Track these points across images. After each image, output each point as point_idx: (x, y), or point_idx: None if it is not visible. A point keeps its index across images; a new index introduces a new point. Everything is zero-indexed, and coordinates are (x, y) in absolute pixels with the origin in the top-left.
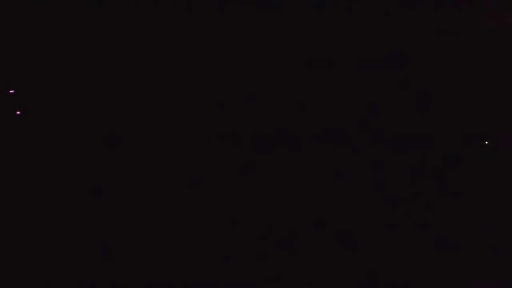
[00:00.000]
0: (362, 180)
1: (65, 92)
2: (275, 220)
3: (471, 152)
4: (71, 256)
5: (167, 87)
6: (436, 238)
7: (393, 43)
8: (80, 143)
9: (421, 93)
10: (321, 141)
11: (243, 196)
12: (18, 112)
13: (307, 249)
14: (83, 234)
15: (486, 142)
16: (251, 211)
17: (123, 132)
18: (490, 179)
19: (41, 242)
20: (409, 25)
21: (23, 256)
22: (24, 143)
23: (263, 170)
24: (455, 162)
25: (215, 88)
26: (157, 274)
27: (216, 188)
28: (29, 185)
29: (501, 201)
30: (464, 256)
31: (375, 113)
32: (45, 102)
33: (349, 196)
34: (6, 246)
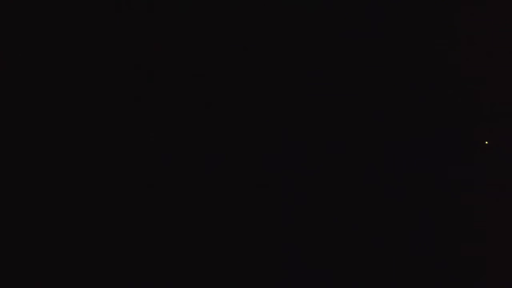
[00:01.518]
0: (362, 179)
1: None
2: (276, 220)
3: (471, 152)
4: (71, 256)
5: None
6: (435, 238)
7: (393, 42)
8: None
9: (420, 92)
10: (322, 140)
11: (243, 195)
12: None
13: (309, 249)
14: (83, 234)
15: (486, 142)
16: (252, 211)
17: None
18: (490, 179)
19: (40, 242)
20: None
21: (23, 256)
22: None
23: (264, 169)
24: (454, 162)
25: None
26: (158, 274)
27: (217, 189)
28: (29, 185)
29: (501, 201)
30: (464, 256)
31: (374, 112)
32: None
33: (349, 196)
34: (5, 246)
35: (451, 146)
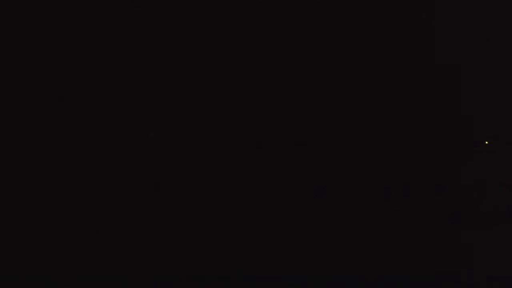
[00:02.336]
0: (362, 179)
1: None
2: (276, 220)
3: (471, 152)
4: (71, 256)
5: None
6: (435, 238)
7: (394, 43)
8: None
9: (420, 93)
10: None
11: (243, 195)
12: None
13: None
14: (84, 234)
15: (486, 142)
16: (253, 210)
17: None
18: (490, 179)
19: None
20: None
21: (23, 256)
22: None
23: (264, 168)
24: (454, 162)
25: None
26: (158, 274)
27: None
28: (29, 186)
29: (501, 200)
30: (463, 256)
31: (374, 113)
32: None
33: (349, 195)
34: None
35: (451, 146)
